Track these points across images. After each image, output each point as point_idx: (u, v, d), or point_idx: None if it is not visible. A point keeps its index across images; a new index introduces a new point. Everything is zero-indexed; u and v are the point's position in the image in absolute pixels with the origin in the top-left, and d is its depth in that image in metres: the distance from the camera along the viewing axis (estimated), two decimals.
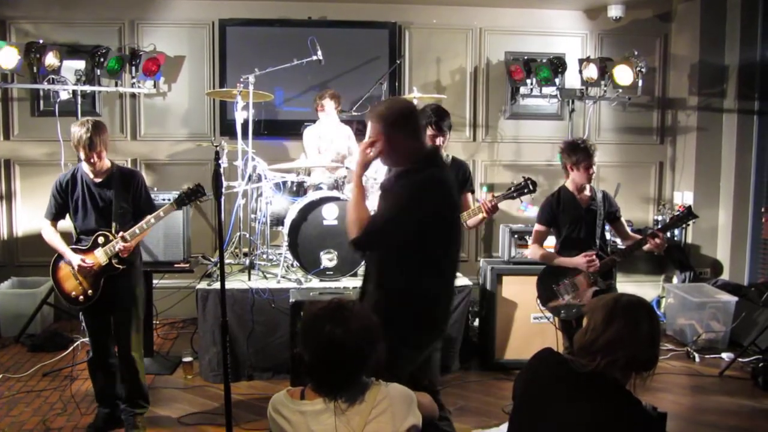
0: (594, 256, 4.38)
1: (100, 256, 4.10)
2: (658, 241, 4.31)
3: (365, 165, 3.11)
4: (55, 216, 4.21)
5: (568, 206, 4.55)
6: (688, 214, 4.40)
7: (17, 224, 6.87)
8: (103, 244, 4.10)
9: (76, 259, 4.08)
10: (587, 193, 4.57)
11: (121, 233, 4.06)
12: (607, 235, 4.87)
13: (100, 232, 4.11)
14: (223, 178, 3.20)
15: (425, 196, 2.96)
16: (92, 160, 4.03)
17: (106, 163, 4.16)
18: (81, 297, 4.15)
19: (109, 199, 4.14)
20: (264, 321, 5.17)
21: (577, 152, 4.44)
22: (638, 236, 4.59)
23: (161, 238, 5.42)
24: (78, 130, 3.99)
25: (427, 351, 3.21)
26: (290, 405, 2.32)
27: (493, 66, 7.28)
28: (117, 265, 4.12)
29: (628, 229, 4.71)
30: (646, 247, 4.37)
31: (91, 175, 4.13)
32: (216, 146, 3.24)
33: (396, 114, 3.05)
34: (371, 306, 2.97)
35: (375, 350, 2.34)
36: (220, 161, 2.99)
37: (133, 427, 4.26)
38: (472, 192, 4.74)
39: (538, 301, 4.69)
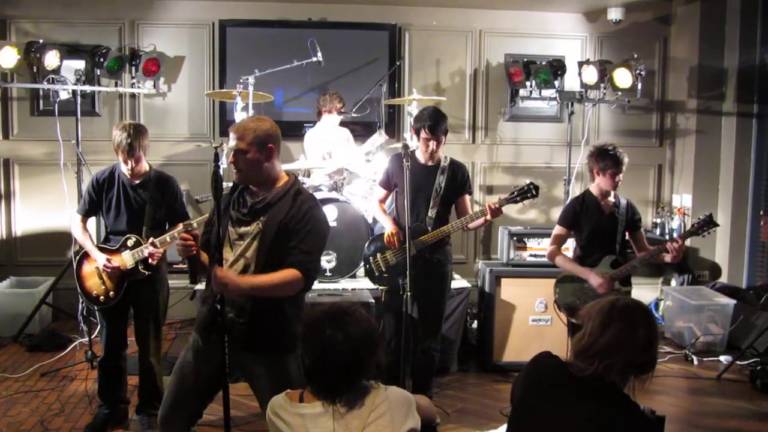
0: (606, 282, 4.37)
1: (126, 259, 4.09)
2: (676, 245, 4.29)
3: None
4: (87, 212, 4.24)
5: (591, 211, 4.53)
6: (709, 222, 4.35)
7: (16, 224, 6.86)
8: (132, 247, 4.10)
9: (101, 259, 4.08)
10: (611, 199, 4.55)
11: (151, 239, 4.05)
12: None
13: (131, 235, 4.11)
14: (223, 179, 3.20)
15: (325, 221, 3.19)
16: (129, 164, 4.05)
17: (145, 166, 4.17)
18: (102, 297, 4.15)
19: (144, 202, 4.14)
20: None
21: (606, 158, 4.41)
22: (653, 248, 4.57)
23: None
24: (119, 134, 4.01)
25: None
26: (289, 408, 2.32)
27: (493, 68, 7.29)
28: (143, 271, 4.12)
29: (646, 241, 4.68)
30: (665, 255, 4.34)
31: (129, 176, 4.14)
32: (215, 147, 3.23)
33: (266, 133, 3.09)
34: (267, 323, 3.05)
35: (375, 354, 2.34)
36: (219, 162, 2.98)
37: (148, 427, 4.27)
38: (470, 194, 4.73)
39: (555, 305, 4.66)
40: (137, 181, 4.15)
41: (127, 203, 4.14)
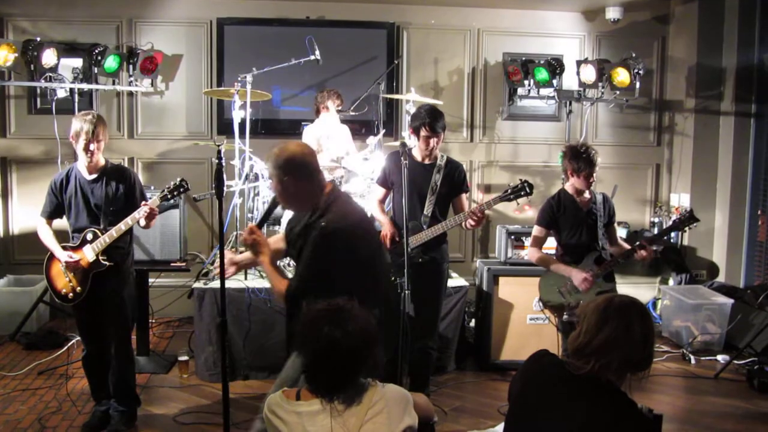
0: (590, 276, 4.37)
1: (87, 253, 4.10)
2: (644, 253, 4.33)
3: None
4: (50, 214, 4.24)
5: (568, 209, 4.55)
6: (689, 218, 4.39)
7: (13, 222, 6.86)
8: (92, 241, 4.10)
9: (63, 256, 4.12)
10: (587, 196, 4.57)
11: (143, 202, 4.08)
12: None
13: (90, 229, 4.12)
14: (225, 177, 3.20)
15: (328, 253, 3.08)
16: (91, 148, 4.02)
17: (101, 161, 4.17)
18: (70, 294, 4.17)
19: (102, 197, 4.15)
20: (260, 320, 5.17)
21: (579, 160, 4.43)
22: (626, 245, 4.60)
23: (158, 237, 5.41)
24: (81, 119, 4.03)
25: None
26: (286, 406, 2.32)
27: (491, 67, 7.29)
28: (103, 262, 4.12)
29: (618, 236, 4.71)
30: (635, 256, 4.39)
31: (85, 173, 4.15)
32: (218, 145, 3.23)
33: (286, 159, 3.13)
34: None
35: (373, 351, 2.34)
36: (222, 160, 2.97)
37: (117, 421, 4.28)
38: (467, 193, 4.73)
39: (540, 303, 4.69)
40: (93, 176, 4.15)
41: (85, 200, 4.15)
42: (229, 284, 5.11)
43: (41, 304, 6.25)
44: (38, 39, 5.97)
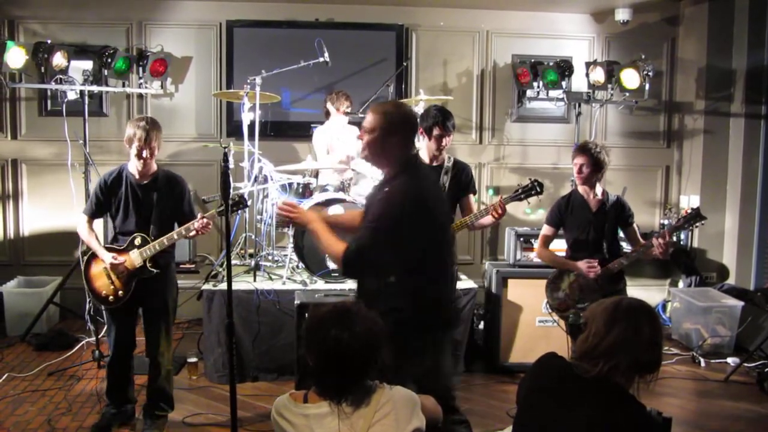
0: (595, 263, 4.36)
1: (134, 257, 4.10)
2: (661, 240, 4.26)
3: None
4: (94, 213, 4.21)
5: (577, 209, 4.56)
6: (695, 216, 4.37)
7: (24, 223, 6.90)
8: (140, 246, 4.11)
9: (108, 257, 4.09)
10: (599, 196, 4.57)
11: (199, 214, 4.11)
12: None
13: (138, 234, 4.11)
14: (231, 179, 3.19)
15: (385, 219, 2.94)
16: (144, 154, 4.01)
17: (153, 166, 4.16)
18: (111, 297, 4.15)
19: (152, 202, 4.14)
20: (269, 322, 5.17)
21: (573, 151, 4.58)
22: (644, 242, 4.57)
23: None
24: (134, 124, 4.02)
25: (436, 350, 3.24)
26: (293, 408, 2.32)
27: (500, 69, 7.28)
28: (151, 269, 4.13)
29: (639, 236, 4.68)
30: (652, 250, 4.33)
31: (137, 176, 4.13)
32: (224, 147, 3.23)
33: (392, 114, 3.08)
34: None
35: (380, 353, 2.34)
36: (228, 163, 2.98)
37: (150, 427, 4.27)
38: (474, 194, 4.74)
39: (547, 306, 4.69)
40: (145, 182, 4.14)
41: (136, 204, 4.13)
42: (237, 286, 5.15)
43: (51, 305, 6.28)
44: (49, 41, 6.00)
